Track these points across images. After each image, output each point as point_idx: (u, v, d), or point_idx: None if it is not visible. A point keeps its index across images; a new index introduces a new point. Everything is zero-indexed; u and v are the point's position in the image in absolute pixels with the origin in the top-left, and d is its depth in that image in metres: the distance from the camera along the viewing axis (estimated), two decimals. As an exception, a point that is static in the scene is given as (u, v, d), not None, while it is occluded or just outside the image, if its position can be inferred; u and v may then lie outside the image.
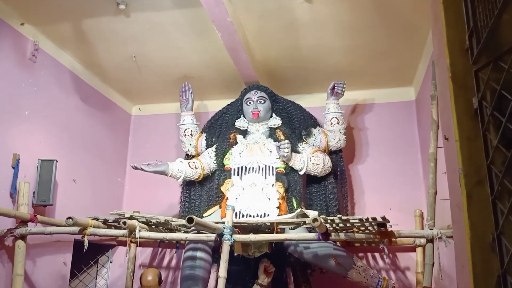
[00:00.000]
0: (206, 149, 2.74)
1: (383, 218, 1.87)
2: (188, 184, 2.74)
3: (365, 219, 1.87)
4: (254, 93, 2.71)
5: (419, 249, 2.53)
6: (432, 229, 1.97)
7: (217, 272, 1.97)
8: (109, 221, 2.25)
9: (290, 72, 2.89)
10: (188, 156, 2.85)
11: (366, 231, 1.98)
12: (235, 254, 2.20)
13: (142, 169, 2.46)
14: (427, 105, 2.41)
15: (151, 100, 3.36)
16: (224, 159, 2.59)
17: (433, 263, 1.97)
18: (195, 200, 2.70)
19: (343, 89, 2.70)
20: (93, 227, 2.16)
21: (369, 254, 2.77)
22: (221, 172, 2.57)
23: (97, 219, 2.25)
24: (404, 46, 2.56)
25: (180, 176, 2.56)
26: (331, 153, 2.73)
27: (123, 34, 2.48)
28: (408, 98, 3.04)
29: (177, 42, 2.55)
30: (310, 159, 2.49)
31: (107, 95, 3.11)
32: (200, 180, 2.68)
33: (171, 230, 2.29)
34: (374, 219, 1.88)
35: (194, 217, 1.79)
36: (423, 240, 2.37)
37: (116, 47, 2.61)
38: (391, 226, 1.94)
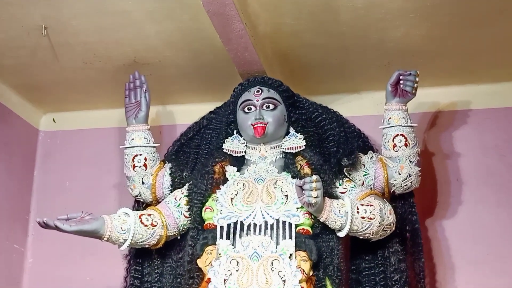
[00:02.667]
0: (171, 191, 2.74)
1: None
2: (140, 255, 2.73)
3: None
4: (257, 92, 2.73)
5: None
6: None
7: None
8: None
9: (320, 56, 2.91)
10: (140, 205, 2.86)
11: None
12: None
13: (57, 228, 2.42)
14: None
15: (74, 105, 3.38)
16: (204, 209, 2.59)
17: None
18: (151, 284, 2.69)
19: (415, 85, 2.71)
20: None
21: None
22: (197, 233, 2.56)
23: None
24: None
25: (125, 241, 2.54)
26: (394, 198, 2.72)
27: (26, -11, 2.51)
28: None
29: (119, 3, 2.57)
30: (358, 209, 2.48)
31: (-5, 96, 3.15)
32: (161, 248, 2.67)
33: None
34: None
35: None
36: None
37: (11, 12, 2.62)
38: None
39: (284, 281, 2.36)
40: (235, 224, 2.49)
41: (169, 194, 2.73)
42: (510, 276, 2.86)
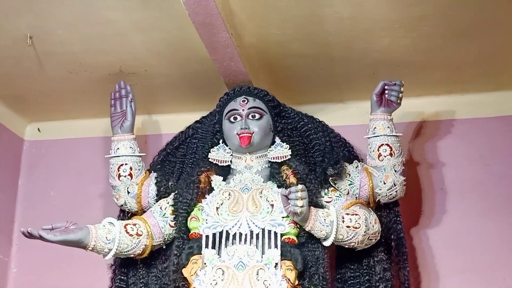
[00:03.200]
0: (156, 201, 2.75)
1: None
2: (125, 265, 2.74)
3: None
4: (243, 101, 2.74)
5: None
6: None
7: None
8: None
9: (306, 65, 2.93)
10: (125, 214, 2.86)
11: None
12: None
13: (41, 238, 2.42)
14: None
15: (59, 114, 3.38)
16: (189, 219, 2.59)
17: None
18: (136, 294, 2.71)
19: (400, 95, 2.73)
20: None
21: None
22: (183, 243, 2.57)
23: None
24: (507, 17, 2.60)
25: (110, 250, 2.53)
26: (379, 208, 2.74)
27: (12, -1, 2.52)
28: (515, 111, 3.12)
29: (105, 12, 2.58)
30: (343, 218, 2.49)
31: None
32: (146, 257, 2.67)
33: None
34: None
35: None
36: None
37: (-3, 21, 2.64)
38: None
39: (270, 290, 2.37)
40: (221, 233, 2.49)
41: (154, 203, 2.73)
42: (495, 285, 2.88)
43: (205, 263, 2.45)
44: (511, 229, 2.95)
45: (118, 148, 2.82)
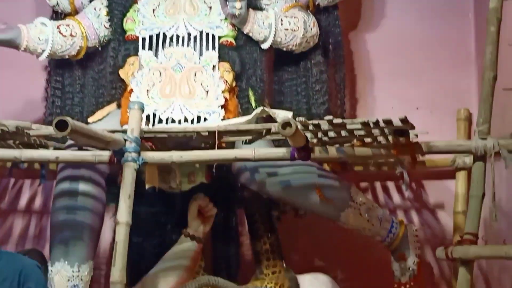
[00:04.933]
0: (90, 1, 2.69)
1: (404, 120, 1.92)
2: (60, 66, 2.73)
3: (374, 123, 1.92)
4: None
5: (461, 174, 2.65)
6: (485, 138, 2.03)
7: (115, 217, 2.01)
8: None
9: None
10: (58, 15, 2.80)
11: (375, 144, 2.04)
12: (146, 187, 2.25)
13: (-29, 38, 2.41)
14: None
15: None
16: (125, 20, 2.57)
17: (483, 194, 2.06)
18: (73, 94, 2.71)
19: None
20: None
21: (377, 184, 2.90)
22: (119, 44, 2.57)
23: None
24: None
25: (44, 51, 2.54)
26: (318, 11, 2.73)
27: None
28: None
29: None
30: (282, 21, 2.52)
31: None
32: (82, 59, 2.67)
33: (30, 145, 2.29)
34: (388, 122, 1.92)
35: (69, 119, 1.79)
36: (468, 159, 2.48)
37: None
38: (416, 135, 2.01)
39: (207, 91, 2.40)
40: (158, 35, 2.49)
41: (88, 4, 2.68)
42: (424, 87, 2.96)
43: (142, 65, 2.47)
44: (448, 34, 2.99)
45: None
